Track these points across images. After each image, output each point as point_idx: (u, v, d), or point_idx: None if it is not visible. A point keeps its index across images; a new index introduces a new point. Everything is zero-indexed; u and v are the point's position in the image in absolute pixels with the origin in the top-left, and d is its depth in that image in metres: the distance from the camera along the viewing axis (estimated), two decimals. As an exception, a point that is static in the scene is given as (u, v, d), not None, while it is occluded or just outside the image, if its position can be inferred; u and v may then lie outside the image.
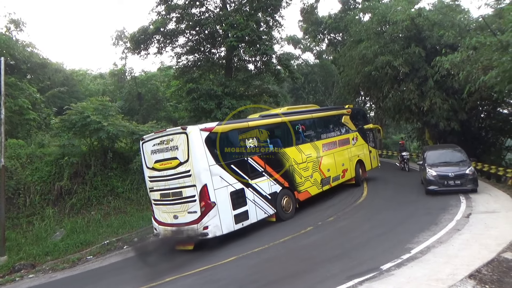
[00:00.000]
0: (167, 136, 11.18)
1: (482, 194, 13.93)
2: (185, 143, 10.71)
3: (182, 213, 10.87)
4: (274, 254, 9.67)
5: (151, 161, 11.61)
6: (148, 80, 30.90)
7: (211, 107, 23.18)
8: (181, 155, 10.79)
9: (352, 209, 13.68)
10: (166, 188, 11.16)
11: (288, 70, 27.87)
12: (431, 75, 20.48)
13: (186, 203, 10.77)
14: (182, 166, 10.75)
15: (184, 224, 10.83)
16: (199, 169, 10.55)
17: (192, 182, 10.60)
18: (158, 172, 11.36)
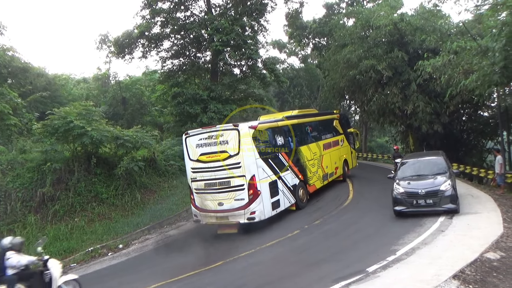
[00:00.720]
0: (217, 132, 12.41)
1: (464, 195, 14.17)
2: (236, 138, 12.05)
3: (228, 200, 12.11)
4: (261, 258, 9.66)
5: (195, 153, 12.79)
6: (132, 85, 30.61)
7: (196, 111, 23.11)
8: (231, 149, 12.07)
9: (338, 212, 13.76)
10: (212, 178, 12.37)
11: (273, 74, 27.98)
12: (414, 78, 20.86)
13: (234, 191, 12.06)
14: (231, 159, 12.06)
15: (229, 210, 12.08)
16: (248, 161, 11.96)
17: (241, 173, 11.94)
18: (203, 164, 12.53)
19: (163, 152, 21.90)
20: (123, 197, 16.61)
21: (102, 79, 33.82)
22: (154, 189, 18.56)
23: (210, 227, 13.48)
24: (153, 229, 15.19)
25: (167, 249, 12.47)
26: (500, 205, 12.16)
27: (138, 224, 15.23)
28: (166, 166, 20.62)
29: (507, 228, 9.52)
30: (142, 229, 14.89)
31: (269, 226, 12.96)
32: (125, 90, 29.93)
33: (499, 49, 11.93)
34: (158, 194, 18.29)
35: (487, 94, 14.88)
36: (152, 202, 17.45)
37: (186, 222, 15.84)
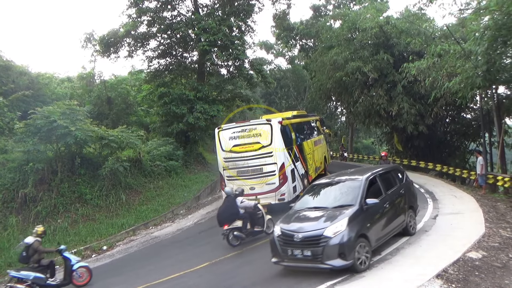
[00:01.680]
0: (251, 126, 14.43)
1: (448, 196, 14.43)
2: (268, 131, 13.99)
3: (260, 185, 13.90)
4: (248, 258, 9.63)
5: (228, 145, 14.45)
6: (118, 84, 30.16)
7: (183, 111, 22.98)
8: (264, 140, 13.99)
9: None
10: (245, 166, 14.10)
11: (260, 75, 28.01)
12: (399, 80, 21.15)
13: (265, 177, 13.89)
14: (264, 149, 13.90)
15: (261, 193, 13.79)
16: (279, 151, 13.90)
17: (273, 161, 13.83)
18: (236, 154, 14.23)
19: (149, 152, 21.72)
20: (108, 198, 16.41)
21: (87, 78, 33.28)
22: (140, 189, 18.39)
23: (195, 228, 13.46)
24: (138, 230, 15.05)
25: (152, 250, 12.36)
26: (482, 205, 12.41)
27: (122, 225, 15.08)
28: (152, 166, 20.46)
29: (488, 228, 9.71)
30: (127, 230, 14.74)
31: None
32: (111, 90, 29.48)
33: (482, 52, 12.19)
34: (143, 195, 18.14)
35: (470, 97, 15.16)
36: (137, 203, 17.29)
37: (171, 223, 15.73)
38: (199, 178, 23.18)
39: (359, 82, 22.91)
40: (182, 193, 19.61)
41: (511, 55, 13.50)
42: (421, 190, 16.02)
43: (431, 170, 21.53)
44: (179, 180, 21.34)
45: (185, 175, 22.71)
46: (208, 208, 17.35)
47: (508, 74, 14.21)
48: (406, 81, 19.59)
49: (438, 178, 19.51)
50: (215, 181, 23.44)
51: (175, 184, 20.60)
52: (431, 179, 19.16)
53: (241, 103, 31.05)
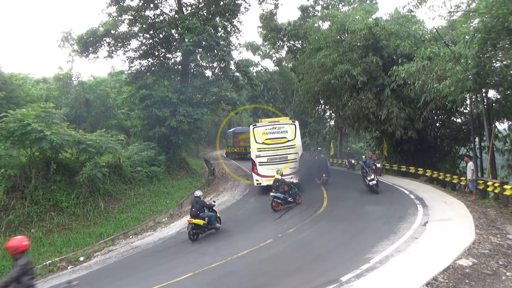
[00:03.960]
0: (280, 124, 20.19)
1: (438, 202, 14.65)
2: (292, 129, 19.92)
3: (284, 169, 19.11)
4: (232, 269, 9.60)
5: (262, 138, 19.90)
6: (97, 86, 29.97)
7: (165, 114, 22.91)
8: (289, 136, 19.82)
9: (312, 220, 13.90)
10: (274, 154, 19.72)
11: (246, 77, 28.10)
12: (388, 84, 21.44)
13: (289, 162, 19.62)
14: (289, 142, 19.78)
15: (285, 175, 18.39)
16: (299, 144, 20.15)
17: (295, 151, 19.76)
18: (267, 145, 19.77)
19: (129, 157, 21.56)
20: (85, 206, 16.19)
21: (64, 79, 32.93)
22: (119, 197, 18.21)
23: (178, 237, 13.39)
24: (117, 240, 14.86)
25: (132, 261, 12.21)
26: (472, 211, 12.65)
27: (101, 235, 14.88)
28: (132, 172, 20.30)
29: (479, 234, 9.90)
30: (105, 240, 14.54)
31: (241, 235, 12.96)
32: (89, 92, 29.26)
33: (472, 56, 12.47)
34: (123, 202, 17.96)
35: (460, 100, 15.45)
36: (116, 211, 17.11)
37: (153, 232, 15.58)
38: (182, 184, 23.08)
39: (347, 85, 23.15)
40: (164, 201, 19.48)
41: (501, 58, 13.83)
42: (411, 196, 16.26)
43: (421, 176, 21.83)
44: (161, 187, 21.21)
45: (168, 182, 22.58)
46: (192, 216, 17.22)
47: (498, 77, 14.57)
48: (396, 84, 19.86)
49: (428, 184, 19.81)
50: (199, 187, 23.36)
51: (157, 191, 20.46)
52: (421, 185, 19.44)
53: (226, 106, 31.09)
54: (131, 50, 26.32)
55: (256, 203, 18.64)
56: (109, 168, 18.28)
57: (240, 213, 16.80)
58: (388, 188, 19.06)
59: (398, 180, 21.28)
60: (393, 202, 15.49)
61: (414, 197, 15.92)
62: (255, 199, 19.69)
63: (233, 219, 15.81)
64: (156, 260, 11.78)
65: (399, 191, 18.02)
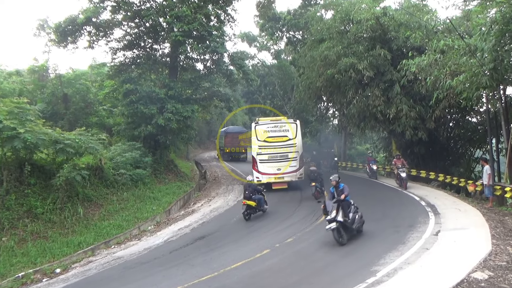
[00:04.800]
0: (282, 123, 22.37)
1: (451, 209, 14.71)
2: (294, 128, 22.09)
3: (285, 167, 21.63)
4: (224, 282, 9.58)
5: (263, 136, 21.90)
6: (76, 79, 29.77)
7: (152, 112, 22.87)
8: (290, 134, 21.95)
9: (314, 229, 13.90)
10: (274, 152, 21.79)
11: (241, 71, 28.12)
12: (397, 79, 21.53)
13: (290, 161, 21.75)
14: (290, 141, 21.88)
15: (285, 173, 21.66)
16: (299, 143, 22.19)
17: (295, 150, 21.84)
18: (268, 143, 21.86)
19: (111, 159, 21.49)
20: (63, 212, 16.11)
21: (40, 71, 32.70)
22: (100, 202, 18.16)
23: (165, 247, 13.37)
24: (98, 250, 14.79)
25: (115, 273, 12.16)
26: (488, 219, 12.70)
27: (80, 244, 14.80)
28: (115, 175, 20.24)
29: (495, 245, 9.94)
30: (85, 250, 14.46)
31: (234, 244, 12.94)
32: (67, 86, 29.07)
33: (488, 49, 12.52)
34: (104, 208, 17.91)
35: (476, 98, 15.51)
36: (97, 218, 17.06)
37: (137, 241, 15.53)
38: (170, 189, 23.04)
39: (353, 81, 23.22)
40: (151, 207, 19.44)
41: (520, 52, 13.90)
42: (421, 203, 16.32)
43: (433, 181, 21.93)
44: (147, 191, 21.17)
45: (154, 186, 22.54)
46: (180, 224, 17.20)
47: (517, 73, 14.65)
48: (406, 80, 19.94)
49: (440, 190, 19.90)
50: (188, 192, 23.34)
51: (142, 196, 20.41)
52: (432, 191, 19.52)
53: (219, 103, 31.07)
54: (114, 40, 26.31)
55: (251, 210, 18.60)
56: (89, 171, 18.19)
57: (234, 221, 16.78)
58: (397, 194, 19.11)
59: (408, 185, 21.33)
60: (402, 209, 15.53)
61: (425, 204, 15.98)
62: (251, 205, 19.65)
63: (226, 227, 15.79)
64: (141, 272, 11.74)
65: (408, 197, 18.08)
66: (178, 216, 18.84)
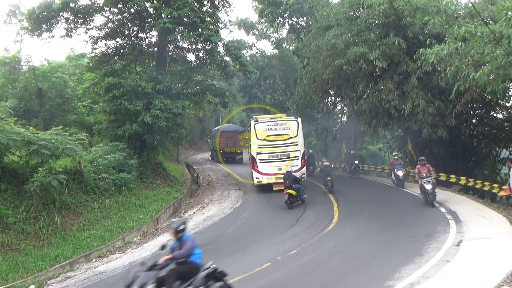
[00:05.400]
0: (282, 121, 23.88)
1: (474, 216, 14.71)
2: (295, 126, 23.50)
3: (286, 167, 22.24)
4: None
5: (262, 135, 23.27)
6: (52, 72, 29.78)
7: (137, 108, 22.83)
8: (291, 133, 23.32)
9: (320, 239, 13.90)
10: (275, 152, 23.22)
11: (238, 62, 28.11)
12: (414, 71, 21.49)
13: (291, 160, 22.93)
14: (291, 139, 23.24)
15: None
16: (301, 141, 23.71)
17: (297, 149, 23.19)
18: (269, 142, 23.21)
19: (92, 161, 21.48)
20: (37, 221, 16.06)
21: (11, 63, 32.76)
22: (80, 210, 18.15)
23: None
24: (77, 264, 14.78)
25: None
26: (516, 228, 12.71)
27: (56, 258, 14.77)
28: (96, 180, 20.23)
29: (524, 256, 9.94)
30: (62, 264, 14.46)
31: (231, 258, 12.90)
32: (42, 79, 29.08)
33: (516, 36, 12.50)
34: (84, 217, 17.89)
35: (502, 92, 15.49)
36: (76, 228, 17.04)
37: (122, 254, 15.52)
38: (158, 195, 23.02)
39: (363, 73, 23.18)
40: (136, 215, 19.43)
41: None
42: (441, 209, 16.32)
43: (454, 184, 21.92)
44: (132, 198, 21.16)
45: (140, 192, 22.53)
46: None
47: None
48: (422, 71, 19.91)
49: (462, 194, 19.89)
50: (179, 199, 23.33)
51: (127, 203, 20.40)
52: (453, 196, 19.53)
53: (213, 98, 31.07)
54: (95, 28, 26.29)
55: (250, 219, 18.64)
56: (67, 175, 18.19)
57: (230, 231, 16.78)
58: (413, 199, 19.12)
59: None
60: (420, 216, 15.54)
61: (445, 211, 16.00)
62: (250, 213, 19.69)
63: (221, 238, 15.79)
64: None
65: (426, 203, 18.08)
66: (168, 226, 18.82)
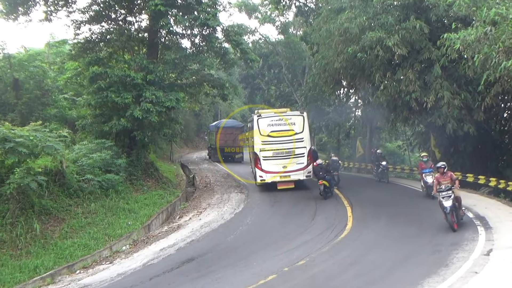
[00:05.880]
0: (287, 116, 25.03)
1: (506, 222, 14.69)
2: (301, 121, 24.70)
3: (291, 164, 24.19)
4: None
5: (266, 131, 24.38)
6: (30, 61, 29.82)
7: (126, 101, 22.78)
8: (297, 128, 24.48)
9: (332, 248, 13.90)
10: (280, 148, 24.31)
11: (239, 49, 28.07)
12: (437, 58, 21.40)
13: (297, 157, 24.26)
14: (297, 135, 24.39)
15: (292, 171, 24.22)
16: (308, 137, 24.95)
17: (303, 145, 24.48)
18: (273, 138, 24.32)
19: (75, 161, 21.49)
20: (14, 228, 16.09)
21: (-17, 52, 32.81)
22: (62, 216, 18.15)
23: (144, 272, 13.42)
24: (59, 275, 14.81)
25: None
26: (554, 236, 12.69)
27: (36, 269, 14.78)
28: (80, 182, 20.24)
29: None
30: (43, 276, 14.47)
31: (231, 269, 12.94)
32: (19, 69, 29.14)
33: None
34: (67, 223, 17.90)
35: (537, 82, 15.48)
36: (58, 235, 17.04)
37: (109, 265, 15.55)
38: (150, 198, 23.04)
39: (380, 61, 23.10)
40: (125, 221, 19.44)
41: None
42: (468, 214, 16.29)
43: (483, 186, 21.87)
44: (121, 202, 21.17)
45: (130, 195, 22.54)
46: (163, 243, 17.22)
47: None
48: (447, 59, 19.82)
49: (492, 197, 19.87)
50: (173, 203, 23.36)
51: (115, 208, 20.40)
52: (482, 199, 19.50)
53: (210, 90, 31.06)
54: (78, 11, 26.26)
55: (253, 225, 18.66)
56: (48, 176, 18.17)
57: (230, 239, 16.80)
58: (437, 203, 19.08)
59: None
60: (444, 222, 15.51)
61: (473, 216, 15.99)
62: (253, 218, 19.70)
63: (221, 247, 15.80)
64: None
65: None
66: (160, 233, 18.86)
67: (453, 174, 15.84)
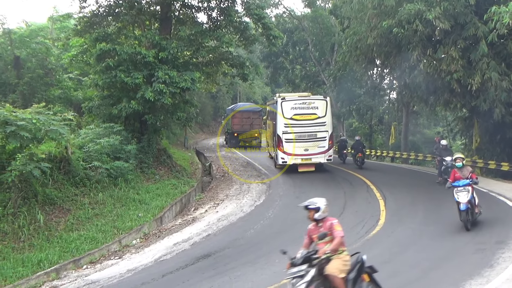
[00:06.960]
0: (310, 100, 28.32)
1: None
2: (323, 105, 27.54)
3: (313, 147, 27.14)
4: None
5: (289, 113, 27.18)
6: (32, 37, 30.10)
7: (136, 81, 22.80)
8: (320, 112, 27.31)
9: (362, 245, 13.83)
10: (302, 131, 27.15)
11: (261, 24, 27.95)
12: (484, 35, 21.06)
13: (318, 141, 27.17)
14: (320, 119, 27.21)
15: (313, 154, 27.15)
16: (330, 122, 27.94)
17: (325, 129, 27.32)
18: (296, 121, 27.14)
19: (81, 147, 21.64)
20: (16, 219, 16.28)
21: (-18, 27, 33.20)
22: (67, 206, 18.32)
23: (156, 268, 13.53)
24: (64, 270, 15.00)
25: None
26: None
27: (40, 263, 14.96)
28: (86, 169, 20.39)
29: None
30: (47, 271, 14.66)
31: (250, 267, 12.97)
32: (20, 46, 29.43)
33: None
34: (73, 214, 18.07)
35: None
36: (63, 227, 17.23)
37: (118, 260, 15.74)
38: (162, 188, 23.17)
39: (419, 37, 22.82)
40: (135, 213, 19.58)
41: None
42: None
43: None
44: (131, 192, 21.31)
45: (140, 184, 22.69)
46: (177, 237, 17.35)
47: None
48: (496, 35, 19.53)
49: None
50: (187, 193, 23.48)
51: (124, 199, 20.55)
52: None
53: (229, 70, 31.03)
54: (84, -18, 26.32)
55: (275, 219, 18.71)
56: (52, 163, 18.34)
57: (250, 234, 16.86)
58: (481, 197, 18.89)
59: (496, 185, 21.11)
60: (488, 218, 15.35)
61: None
62: (275, 211, 19.76)
63: (240, 242, 15.90)
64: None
65: (497, 201, 17.90)
66: (174, 227, 18.99)
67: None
